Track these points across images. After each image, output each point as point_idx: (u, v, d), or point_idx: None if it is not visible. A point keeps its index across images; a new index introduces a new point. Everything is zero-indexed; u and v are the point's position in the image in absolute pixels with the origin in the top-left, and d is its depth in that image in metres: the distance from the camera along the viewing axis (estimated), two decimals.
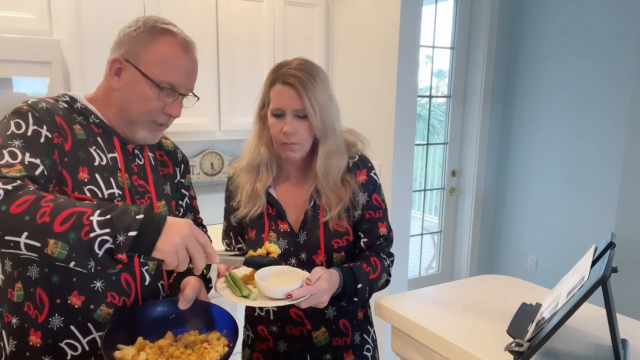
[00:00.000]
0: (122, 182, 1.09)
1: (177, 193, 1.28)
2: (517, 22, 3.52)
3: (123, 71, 1.07)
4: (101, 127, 1.10)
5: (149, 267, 1.13)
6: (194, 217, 1.34)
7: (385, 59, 2.50)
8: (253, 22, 2.59)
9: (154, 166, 1.20)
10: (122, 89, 1.08)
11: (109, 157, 1.09)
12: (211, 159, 2.87)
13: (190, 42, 1.12)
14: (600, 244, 1.12)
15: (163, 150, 1.27)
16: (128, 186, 1.10)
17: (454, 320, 1.31)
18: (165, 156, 1.26)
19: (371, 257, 1.28)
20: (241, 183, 1.32)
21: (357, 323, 1.36)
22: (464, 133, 3.74)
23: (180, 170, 1.30)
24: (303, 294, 1.07)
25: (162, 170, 1.23)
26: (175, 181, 1.27)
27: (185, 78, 1.10)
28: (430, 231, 4.01)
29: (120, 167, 1.10)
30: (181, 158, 1.31)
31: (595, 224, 3.14)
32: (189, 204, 1.32)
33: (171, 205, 1.21)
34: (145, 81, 1.05)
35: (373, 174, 1.33)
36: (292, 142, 1.22)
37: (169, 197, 1.21)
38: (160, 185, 1.19)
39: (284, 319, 1.31)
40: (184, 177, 1.31)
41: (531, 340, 1.03)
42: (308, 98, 1.19)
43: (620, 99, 2.94)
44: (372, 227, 1.31)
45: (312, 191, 1.27)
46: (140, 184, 1.14)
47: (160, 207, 1.17)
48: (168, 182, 1.23)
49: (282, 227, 1.28)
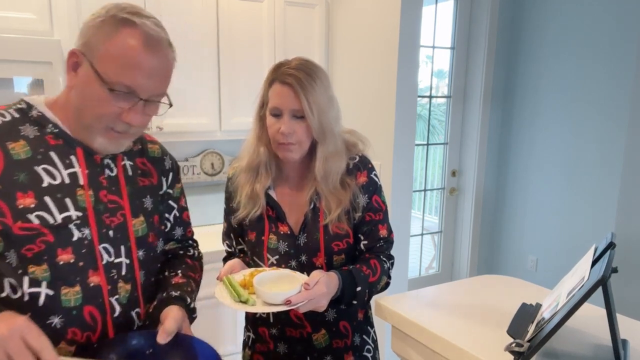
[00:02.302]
0: (83, 201, 0.95)
1: (164, 206, 1.14)
2: (517, 23, 3.52)
3: (80, 66, 0.92)
4: (62, 137, 0.96)
5: (120, 296, 1.00)
6: (184, 231, 1.23)
7: (386, 59, 2.50)
8: (253, 22, 2.59)
9: (131, 177, 1.06)
10: (77, 88, 0.93)
11: (66, 173, 0.95)
12: (211, 159, 2.87)
13: (156, 37, 0.93)
14: (600, 244, 1.12)
15: (146, 157, 1.11)
16: (93, 204, 0.97)
17: (454, 321, 1.31)
18: (148, 164, 1.11)
19: (371, 259, 1.28)
20: (240, 184, 1.30)
21: (357, 324, 1.35)
22: (464, 133, 3.74)
23: (167, 179, 1.15)
24: (302, 299, 1.07)
25: (143, 180, 1.08)
26: (160, 192, 1.12)
27: (146, 80, 0.91)
28: (430, 231, 4.01)
29: (82, 184, 0.96)
30: (170, 166, 1.16)
31: (595, 224, 3.14)
32: (178, 216, 1.20)
33: (152, 220, 1.08)
34: (97, 80, 0.90)
35: (374, 175, 1.31)
36: (289, 142, 1.20)
37: (149, 212, 1.07)
38: (138, 199, 1.06)
39: (284, 321, 1.30)
40: (173, 187, 1.17)
41: (531, 341, 1.03)
42: (306, 98, 1.17)
43: (620, 99, 2.94)
44: (373, 229, 1.30)
45: (312, 193, 1.26)
46: (112, 200, 1.00)
47: (137, 225, 1.04)
48: (149, 195, 1.09)
49: (282, 230, 1.27)
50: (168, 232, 1.18)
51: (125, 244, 1.02)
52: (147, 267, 1.07)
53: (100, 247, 0.97)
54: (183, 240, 1.24)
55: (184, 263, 1.20)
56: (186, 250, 1.24)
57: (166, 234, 1.17)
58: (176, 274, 1.14)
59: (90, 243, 0.96)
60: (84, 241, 0.95)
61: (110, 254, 0.99)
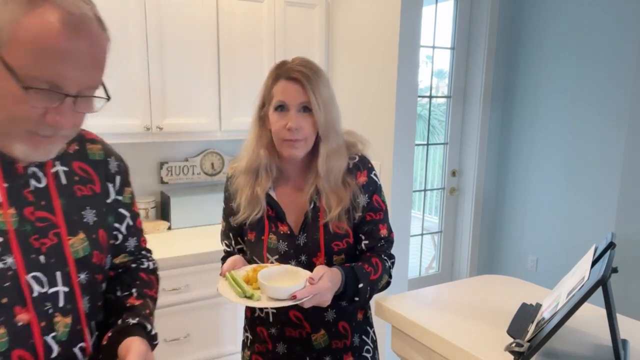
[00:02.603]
0: (3, 223, 0.79)
1: (113, 216, 0.98)
2: (517, 23, 3.52)
3: None
4: None
5: (58, 333, 0.84)
6: (137, 241, 1.07)
7: (386, 59, 2.50)
8: (253, 23, 2.59)
9: (65, 186, 0.88)
10: None
11: None
12: (211, 159, 2.87)
13: (79, 15, 0.73)
14: (600, 244, 1.13)
15: (86, 160, 0.93)
16: (15, 225, 0.80)
17: (454, 321, 1.31)
18: (88, 169, 0.93)
19: (372, 258, 1.28)
20: (240, 186, 1.30)
21: (357, 325, 1.35)
22: (464, 133, 3.74)
23: (114, 185, 0.98)
24: (307, 294, 1.07)
25: (82, 189, 0.91)
26: (107, 201, 0.96)
27: (73, 70, 0.72)
28: (430, 231, 4.01)
29: (1, 201, 0.80)
30: (116, 169, 0.99)
31: (595, 224, 3.14)
32: (132, 225, 1.04)
33: (97, 236, 0.92)
34: (7, 75, 0.71)
35: (373, 175, 1.32)
36: (296, 138, 1.20)
37: (91, 227, 0.91)
38: (76, 213, 0.89)
39: (283, 321, 1.30)
40: (122, 193, 1.00)
41: (531, 341, 1.03)
42: (313, 92, 1.19)
43: (620, 99, 2.95)
44: (373, 229, 1.30)
45: (312, 192, 1.26)
46: (41, 217, 0.83)
47: (75, 244, 0.87)
48: (90, 206, 0.92)
49: (282, 229, 1.27)
50: (119, 244, 1.02)
51: (61, 269, 0.85)
52: (91, 291, 0.91)
53: (28, 277, 0.80)
54: (136, 251, 1.08)
55: (137, 279, 1.04)
56: (139, 263, 1.08)
57: (116, 248, 1.02)
58: (130, 294, 1.00)
59: (15, 274, 0.79)
60: (7, 272, 0.78)
61: (43, 283, 0.82)
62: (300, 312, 1.27)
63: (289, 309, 1.23)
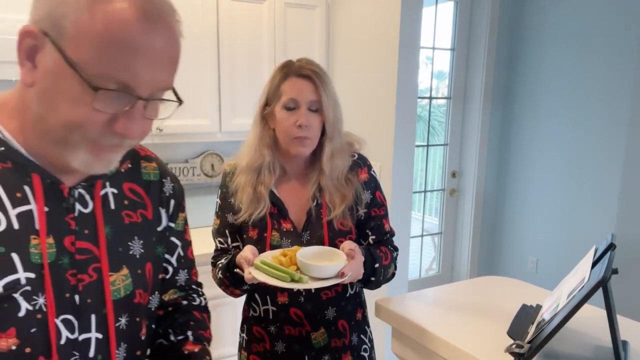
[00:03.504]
0: (38, 256, 0.66)
1: (163, 246, 0.85)
2: (517, 24, 3.52)
3: (39, 52, 0.61)
4: (10, 158, 0.66)
5: None
6: (189, 274, 0.94)
7: (386, 61, 2.50)
8: (254, 24, 2.59)
9: (113, 211, 0.75)
10: (39, 85, 0.63)
11: (15, 214, 0.65)
12: (211, 160, 2.87)
13: (159, 4, 0.63)
14: (600, 245, 1.13)
15: (139, 181, 0.81)
16: (52, 258, 0.67)
17: (454, 322, 1.31)
18: (141, 191, 0.81)
19: (381, 246, 1.32)
20: (241, 184, 1.29)
21: (356, 324, 1.36)
22: (464, 134, 3.74)
23: (168, 210, 0.85)
24: (351, 269, 1.09)
25: (131, 215, 0.78)
26: (158, 229, 0.83)
27: (146, 69, 0.61)
28: (430, 232, 4.01)
29: (39, 228, 0.66)
30: (170, 191, 0.86)
31: (595, 225, 3.13)
32: (183, 255, 0.91)
33: (143, 271, 0.79)
34: (71, 74, 0.59)
35: (373, 171, 1.36)
36: (305, 135, 1.21)
37: (137, 261, 0.78)
38: (122, 244, 0.76)
39: (283, 319, 1.30)
40: (175, 220, 0.87)
41: (532, 342, 1.03)
42: (324, 90, 1.21)
43: (621, 101, 2.94)
44: (379, 224, 1.34)
45: (314, 189, 1.27)
46: (83, 248, 0.71)
47: (117, 282, 0.74)
48: (139, 235, 0.79)
49: (285, 227, 1.27)
50: (169, 278, 0.89)
51: (97, 311, 0.72)
52: (130, 338, 0.78)
53: (57, 320, 0.68)
54: (187, 286, 0.95)
55: (192, 319, 0.92)
56: (191, 299, 0.95)
57: (165, 283, 0.88)
58: (186, 338, 0.87)
59: (44, 317, 0.66)
60: (36, 315, 0.65)
61: (74, 328, 0.70)
62: (300, 310, 1.28)
63: (289, 306, 1.26)
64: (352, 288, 1.34)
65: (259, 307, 1.32)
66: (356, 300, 1.36)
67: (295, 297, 1.27)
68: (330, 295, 1.30)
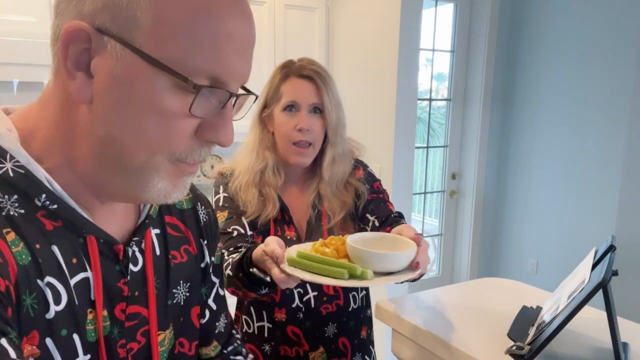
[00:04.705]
0: (94, 332, 0.54)
1: (204, 285, 0.71)
2: (516, 25, 3.53)
3: (96, 57, 0.48)
4: (60, 214, 0.51)
5: None
6: (226, 318, 0.78)
7: (386, 63, 2.50)
8: None
9: (159, 257, 0.62)
10: (103, 99, 0.48)
11: (72, 284, 0.52)
12: (211, 161, 2.87)
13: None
14: (600, 246, 1.13)
15: (174, 212, 0.67)
16: (106, 332, 0.55)
17: (454, 323, 1.30)
18: (179, 223, 0.67)
19: None
20: (242, 185, 1.18)
21: (359, 342, 1.27)
22: (464, 136, 3.75)
23: (207, 240, 0.71)
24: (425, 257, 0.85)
25: (176, 256, 0.65)
26: (202, 265, 0.70)
27: (240, 58, 0.52)
28: (430, 234, 4.00)
29: (94, 299, 0.54)
30: (205, 219, 0.71)
31: (595, 226, 3.13)
32: (222, 295, 0.76)
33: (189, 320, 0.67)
34: (155, 76, 0.47)
35: (370, 169, 1.31)
36: (306, 139, 1.13)
37: (180, 309, 0.65)
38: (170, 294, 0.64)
39: (279, 337, 1.19)
40: (214, 252, 0.73)
41: (532, 344, 1.03)
42: (326, 92, 1.13)
43: (621, 102, 2.95)
44: (381, 205, 1.21)
45: (314, 197, 1.21)
46: (133, 314, 0.59)
47: (165, 342, 0.63)
48: (184, 278, 0.66)
49: (288, 234, 1.19)
50: (207, 323, 0.73)
51: None
52: None
53: None
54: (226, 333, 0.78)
55: None
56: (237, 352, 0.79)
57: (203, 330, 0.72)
58: None
59: None
60: None
61: None
62: (298, 328, 1.19)
63: (287, 324, 1.15)
64: (354, 302, 1.24)
65: (253, 323, 1.22)
66: (359, 316, 1.27)
67: (294, 313, 1.17)
68: (331, 310, 1.21)
